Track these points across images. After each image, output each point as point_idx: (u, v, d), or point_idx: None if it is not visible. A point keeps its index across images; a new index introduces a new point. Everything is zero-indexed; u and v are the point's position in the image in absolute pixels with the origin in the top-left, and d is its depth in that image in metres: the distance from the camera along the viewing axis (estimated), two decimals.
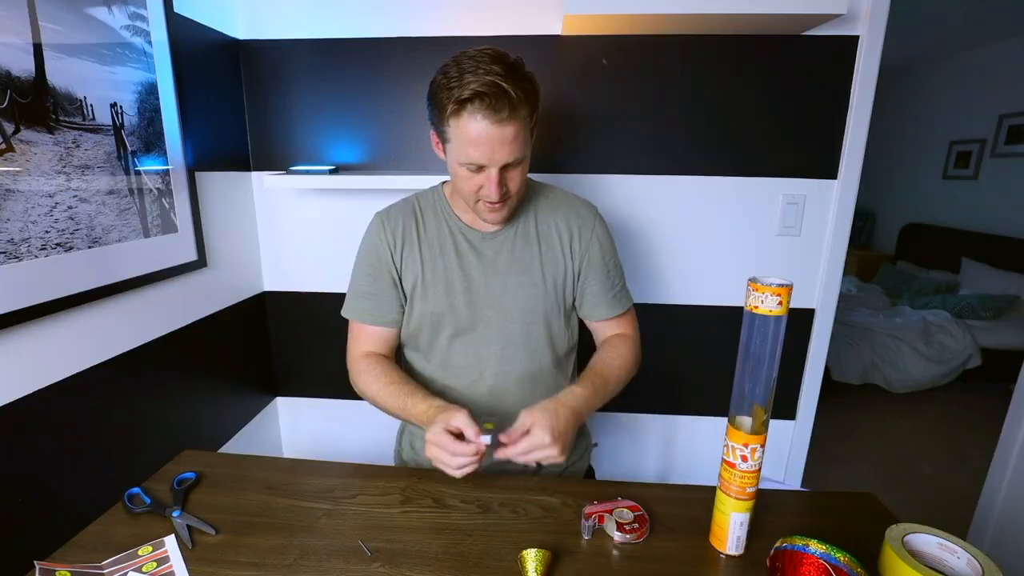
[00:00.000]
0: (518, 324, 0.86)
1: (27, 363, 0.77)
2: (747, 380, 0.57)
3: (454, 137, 0.74)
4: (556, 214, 0.89)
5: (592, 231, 0.89)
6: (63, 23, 0.79)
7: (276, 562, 0.59)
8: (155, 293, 1.02)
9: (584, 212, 0.90)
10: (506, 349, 0.86)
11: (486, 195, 0.77)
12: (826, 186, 1.26)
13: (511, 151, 0.74)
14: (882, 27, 1.14)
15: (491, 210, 0.80)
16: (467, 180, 0.77)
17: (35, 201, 0.75)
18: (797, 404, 1.40)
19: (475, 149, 0.72)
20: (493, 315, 0.86)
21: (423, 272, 0.86)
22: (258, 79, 1.27)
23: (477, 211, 0.82)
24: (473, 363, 0.87)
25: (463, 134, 0.72)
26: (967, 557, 0.53)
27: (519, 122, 0.73)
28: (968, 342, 2.93)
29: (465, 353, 0.87)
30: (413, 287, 0.87)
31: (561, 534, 0.64)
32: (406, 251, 0.86)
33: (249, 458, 0.83)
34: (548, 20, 1.20)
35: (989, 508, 1.43)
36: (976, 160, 3.66)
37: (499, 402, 0.87)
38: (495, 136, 0.71)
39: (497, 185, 0.75)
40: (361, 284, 0.88)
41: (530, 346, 0.88)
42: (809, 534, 0.55)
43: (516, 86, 0.70)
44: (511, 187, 0.78)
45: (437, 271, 0.86)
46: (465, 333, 0.86)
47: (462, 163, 0.75)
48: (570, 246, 0.88)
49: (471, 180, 0.77)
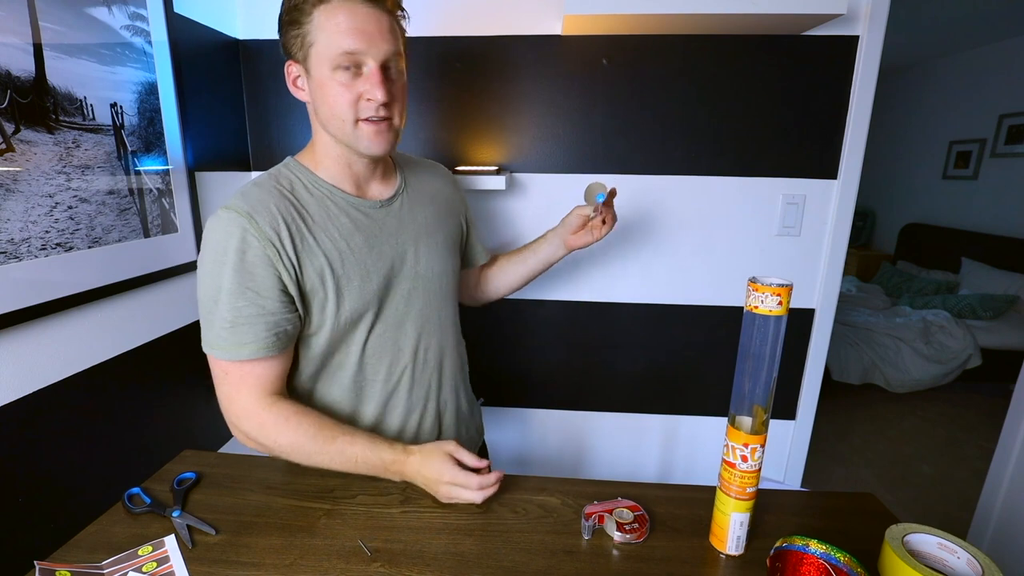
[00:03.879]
0: (436, 291, 0.82)
1: (27, 363, 0.77)
2: (747, 380, 0.57)
3: (320, 33, 0.64)
4: (425, 174, 0.88)
5: (456, 184, 0.93)
6: (63, 23, 0.79)
7: (276, 562, 0.59)
8: (155, 293, 1.02)
9: (443, 169, 0.94)
10: (426, 323, 0.82)
11: (369, 99, 0.66)
12: (826, 186, 1.26)
13: (392, 40, 0.66)
14: (882, 27, 1.14)
15: (375, 131, 0.69)
16: (344, 90, 0.66)
17: (35, 201, 0.75)
18: (797, 404, 1.40)
19: (351, 36, 0.63)
20: (409, 288, 0.79)
21: (330, 265, 0.70)
22: (258, 79, 1.27)
23: (356, 139, 0.69)
24: (390, 348, 0.79)
25: (334, 22, 0.63)
26: (967, 557, 0.53)
27: (395, 19, 0.68)
28: (968, 342, 2.93)
29: (382, 341, 0.78)
30: (317, 289, 0.70)
31: (561, 534, 0.64)
32: (299, 246, 0.68)
33: (249, 458, 0.83)
34: (548, 20, 1.20)
35: (989, 508, 1.43)
36: (976, 160, 3.66)
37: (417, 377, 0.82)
38: (372, 18, 0.64)
39: (381, 82, 0.66)
40: (238, 307, 0.65)
41: (443, 311, 0.85)
42: (809, 534, 0.55)
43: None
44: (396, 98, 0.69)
45: (347, 258, 0.72)
46: (383, 319, 0.77)
47: (336, 60, 0.64)
48: (451, 203, 0.90)
49: (349, 89, 0.66)
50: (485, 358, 1.42)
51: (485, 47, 1.22)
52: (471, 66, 1.24)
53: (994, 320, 3.07)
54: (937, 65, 4.02)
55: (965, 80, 3.77)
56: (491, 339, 1.42)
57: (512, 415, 1.49)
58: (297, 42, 0.66)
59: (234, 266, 0.65)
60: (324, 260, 0.70)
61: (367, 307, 0.75)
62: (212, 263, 0.65)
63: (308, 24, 0.64)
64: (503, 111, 1.26)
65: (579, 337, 1.40)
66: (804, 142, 1.24)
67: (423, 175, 0.88)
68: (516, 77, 1.24)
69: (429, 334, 0.83)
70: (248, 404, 0.69)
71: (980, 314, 3.09)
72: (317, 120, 0.72)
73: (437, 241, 0.83)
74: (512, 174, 1.29)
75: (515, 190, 1.30)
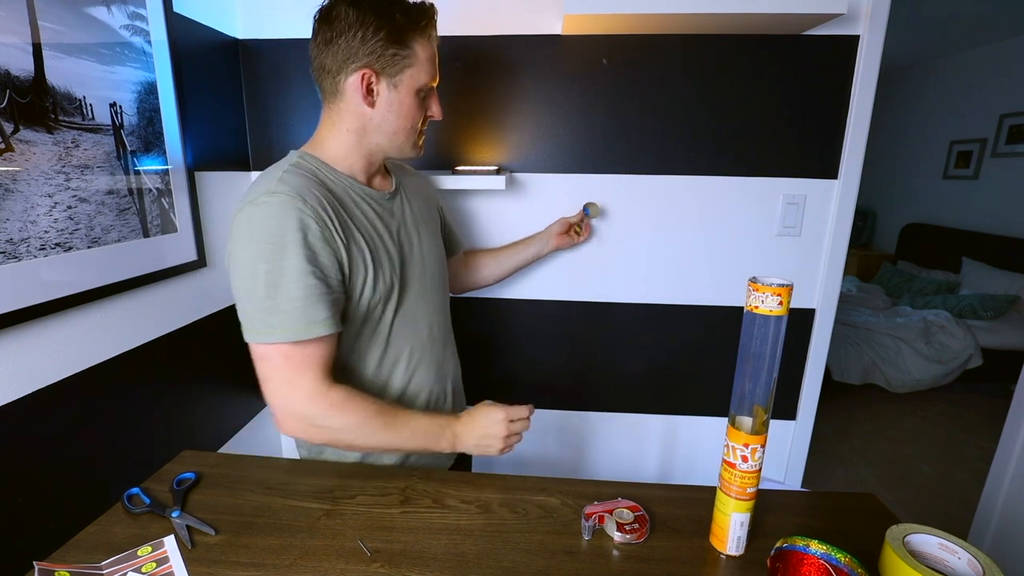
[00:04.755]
0: (437, 275, 0.90)
1: (26, 363, 0.77)
2: (747, 380, 0.57)
3: (416, 61, 0.71)
4: (404, 172, 0.94)
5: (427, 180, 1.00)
6: (62, 23, 0.79)
7: (276, 562, 0.59)
8: (155, 293, 1.02)
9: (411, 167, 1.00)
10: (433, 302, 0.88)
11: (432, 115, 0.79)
12: (826, 186, 1.26)
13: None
14: (882, 27, 1.14)
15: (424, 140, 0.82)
16: (421, 112, 0.77)
17: (34, 201, 0.75)
18: (797, 404, 1.40)
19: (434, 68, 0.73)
20: (420, 271, 0.86)
21: (369, 246, 0.74)
22: (258, 79, 1.27)
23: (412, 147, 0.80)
24: (411, 327, 0.83)
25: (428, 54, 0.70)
26: (968, 557, 0.53)
27: None
28: (969, 342, 2.93)
29: (405, 320, 0.82)
30: (359, 269, 0.73)
31: (561, 534, 0.64)
32: (344, 228, 0.71)
33: (249, 458, 0.82)
34: (548, 20, 1.19)
35: (990, 508, 1.43)
36: (976, 160, 3.66)
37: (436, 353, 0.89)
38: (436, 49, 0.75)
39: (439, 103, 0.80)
40: (309, 285, 0.65)
41: (443, 292, 0.93)
42: (809, 534, 0.55)
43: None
44: None
45: (377, 245, 0.76)
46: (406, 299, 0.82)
47: (421, 89, 0.74)
48: (429, 197, 0.96)
49: (423, 110, 0.77)
50: (485, 358, 1.42)
51: (485, 47, 1.22)
52: (471, 66, 1.23)
53: (995, 320, 3.07)
54: (938, 65, 4.02)
55: (966, 80, 3.77)
56: (491, 339, 1.42)
57: None
58: (393, 59, 0.70)
59: (299, 244, 0.65)
60: (363, 241, 0.74)
61: (394, 287, 0.79)
62: (270, 247, 0.64)
63: (412, 46, 0.70)
64: (503, 111, 1.26)
65: (579, 337, 1.40)
66: (804, 142, 1.24)
67: (404, 174, 0.95)
68: (516, 77, 1.24)
69: (436, 312, 0.90)
70: (314, 385, 0.69)
71: (981, 314, 3.09)
72: (368, 125, 0.75)
73: (431, 230, 0.91)
74: (512, 174, 1.29)
75: (515, 190, 1.30)
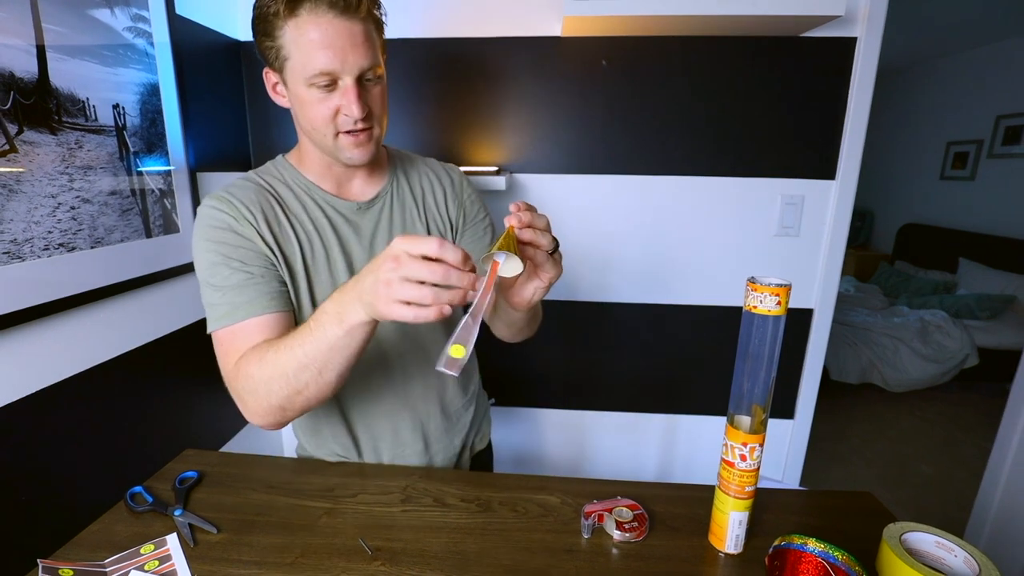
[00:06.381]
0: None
1: (30, 363, 0.78)
2: (746, 380, 0.57)
3: (293, 48, 0.61)
4: (425, 168, 0.84)
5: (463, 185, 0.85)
6: (66, 25, 0.80)
7: (277, 561, 0.59)
8: (157, 293, 1.03)
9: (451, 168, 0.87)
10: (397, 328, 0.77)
11: (347, 114, 0.65)
12: (824, 187, 1.26)
13: (366, 53, 0.63)
14: (880, 29, 1.15)
15: (356, 142, 0.67)
16: (320, 104, 0.64)
17: (38, 201, 0.75)
18: (796, 404, 1.40)
19: (323, 52, 0.61)
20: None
21: (302, 252, 0.71)
22: (259, 80, 1.26)
23: (337, 150, 0.68)
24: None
25: (305, 37, 0.60)
26: (964, 555, 0.53)
27: (371, 23, 0.64)
28: (966, 342, 2.94)
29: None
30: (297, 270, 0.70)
31: (561, 533, 0.65)
32: (274, 226, 0.69)
33: (251, 457, 0.83)
34: (548, 22, 1.20)
35: (986, 506, 1.44)
36: (973, 161, 3.67)
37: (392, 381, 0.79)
38: (345, 32, 0.61)
39: (358, 98, 0.63)
40: (224, 276, 0.65)
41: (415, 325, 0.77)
42: (807, 533, 0.56)
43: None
44: (373, 109, 0.67)
45: (317, 250, 0.72)
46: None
47: (310, 79, 0.62)
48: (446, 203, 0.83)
49: (325, 103, 0.64)
50: (485, 358, 1.43)
51: (485, 48, 1.23)
52: (471, 67, 1.24)
53: (991, 320, 3.09)
54: (935, 66, 4.04)
55: (963, 81, 3.78)
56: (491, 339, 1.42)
57: (512, 414, 1.50)
58: (271, 53, 0.64)
59: (217, 241, 0.66)
60: (297, 245, 0.71)
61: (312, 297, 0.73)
62: (198, 247, 0.68)
63: (281, 38, 0.62)
64: (503, 112, 1.26)
65: (579, 337, 1.41)
66: (803, 143, 1.24)
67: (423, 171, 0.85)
68: (516, 78, 1.24)
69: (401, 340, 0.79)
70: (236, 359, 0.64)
71: (977, 314, 3.10)
72: (299, 125, 0.72)
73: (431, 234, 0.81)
74: (512, 175, 1.30)
75: (515, 191, 1.31)
